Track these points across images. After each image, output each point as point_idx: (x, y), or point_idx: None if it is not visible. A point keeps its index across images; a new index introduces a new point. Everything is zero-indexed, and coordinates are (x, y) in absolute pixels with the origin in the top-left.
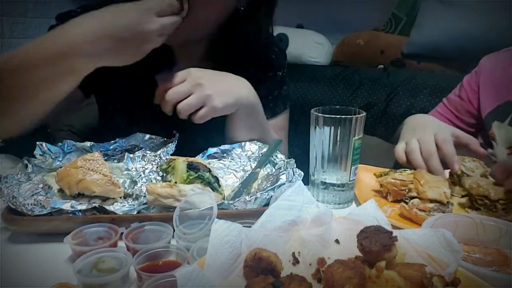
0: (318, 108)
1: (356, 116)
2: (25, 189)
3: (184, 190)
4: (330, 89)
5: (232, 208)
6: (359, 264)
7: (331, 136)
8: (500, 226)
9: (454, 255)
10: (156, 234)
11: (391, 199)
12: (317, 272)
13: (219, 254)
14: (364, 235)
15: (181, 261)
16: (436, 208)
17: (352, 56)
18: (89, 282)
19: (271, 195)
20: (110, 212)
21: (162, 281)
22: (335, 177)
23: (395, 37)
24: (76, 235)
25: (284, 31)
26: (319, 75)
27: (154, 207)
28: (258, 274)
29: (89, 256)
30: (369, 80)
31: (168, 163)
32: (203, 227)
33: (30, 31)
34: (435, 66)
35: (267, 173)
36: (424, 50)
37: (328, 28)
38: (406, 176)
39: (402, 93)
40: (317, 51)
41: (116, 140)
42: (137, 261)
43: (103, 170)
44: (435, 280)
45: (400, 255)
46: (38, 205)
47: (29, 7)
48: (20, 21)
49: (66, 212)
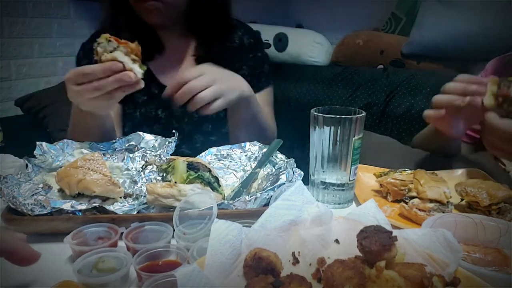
0: (318, 108)
1: (356, 116)
2: (25, 189)
3: (184, 190)
4: (330, 89)
5: (232, 208)
6: (359, 264)
7: (331, 136)
8: (500, 226)
9: (454, 255)
10: (156, 234)
11: (391, 199)
12: (317, 272)
13: (219, 254)
14: (364, 235)
15: (181, 261)
16: (436, 208)
17: (352, 56)
18: (89, 282)
19: (271, 195)
20: (110, 212)
21: (162, 281)
22: (335, 177)
23: (394, 37)
24: (76, 235)
25: (284, 31)
26: (318, 75)
27: (154, 207)
28: (258, 274)
29: (89, 256)
30: (369, 80)
31: (168, 163)
32: (203, 227)
33: (30, 31)
34: (435, 66)
35: (267, 173)
36: (424, 50)
37: (328, 28)
38: (406, 176)
39: (402, 93)
40: (317, 51)
41: (116, 140)
42: (137, 261)
43: (103, 170)
44: (435, 280)
45: (400, 255)
46: (38, 205)
47: (29, 7)
48: (20, 21)
49: (66, 212)
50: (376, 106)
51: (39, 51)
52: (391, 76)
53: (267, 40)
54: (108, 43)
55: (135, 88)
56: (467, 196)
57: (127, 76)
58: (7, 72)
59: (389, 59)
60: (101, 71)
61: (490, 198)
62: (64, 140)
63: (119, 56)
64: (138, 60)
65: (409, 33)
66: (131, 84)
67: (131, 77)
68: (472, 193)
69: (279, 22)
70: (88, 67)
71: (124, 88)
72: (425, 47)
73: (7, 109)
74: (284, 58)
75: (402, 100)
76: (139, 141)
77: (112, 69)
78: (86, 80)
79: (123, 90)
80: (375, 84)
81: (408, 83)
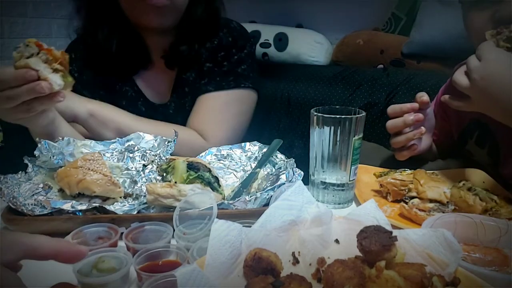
0: (318, 108)
1: (356, 116)
2: (25, 189)
3: (184, 190)
4: (330, 89)
5: (232, 208)
6: (359, 264)
7: (331, 136)
8: (500, 226)
9: (454, 255)
10: (156, 234)
11: (391, 199)
12: (317, 272)
13: (219, 254)
14: (364, 235)
15: (181, 261)
16: (436, 208)
17: (352, 56)
18: (89, 282)
19: (271, 195)
20: (110, 212)
21: (162, 281)
22: (335, 177)
23: (395, 37)
24: (76, 235)
25: (284, 31)
26: (318, 75)
27: (154, 207)
28: (258, 274)
29: (89, 256)
30: (369, 80)
31: (168, 163)
32: (203, 227)
33: (30, 31)
34: (435, 65)
35: (267, 173)
36: (424, 49)
37: (328, 28)
38: (406, 176)
39: (402, 93)
40: (317, 51)
41: (115, 140)
42: (137, 261)
43: (103, 170)
44: (435, 280)
45: (400, 255)
46: (38, 205)
47: (29, 7)
48: (20, 21)
49: (66, 212)
50: (376, 106)
51: None
52: (391, 76)
53: (267, 40)
54: (26, 48)
55: (53, 101)
56: (460, 201)
57: (39, 86)
58: None
59: (389, 59)
60: (12, 79)
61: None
62: (64, 139)
63: (34, 63)
64: (63, 70)
65: (409, 33)
66: (48, 96)
67: (44, 87)
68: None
69: (279, 22)
70: (0, 73)
71: (41, 100)
72: (425, 47)
73: None
74: (284, 57)
75: (402, 99)
76: (138, 141)
77: (24, 77)
78: (0, 88)
79: (41, 102)
80: (375, 83)
81: (408, 83)
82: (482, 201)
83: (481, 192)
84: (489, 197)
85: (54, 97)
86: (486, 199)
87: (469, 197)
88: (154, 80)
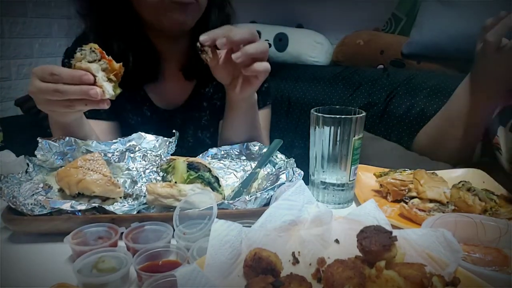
0: (318, 108)
1: (356, 116)
2: (26, 189)
3: (184, 190)
4: (330, 89)
5: (232, 208)
6: (359, 264)
7: (331, 136)
8: (500, 226)
9: (454, 255)
10: (156, 234)
11: (391, 199)
12: (317, 272)
13: (219, 254)
14: (364, 235)
15: (181, 261)
16: (436, 208)
17: (352, 56)
18: (89, 282)
19: (271, 195)
20: (110, 212)
21: (162, 281)
22: (335, 177)
23: (395, 37)
24: (76, 235)
25: (284, 31)
26: (319, 75)
27: (154, 207)
28: (258, 274)
29: (89, 256)
30: (369, 80)
31: (168, 163)
32: (203, 227)
33: (30, 31)
34: (435, 66)
35: (267, 173)
36: (424, 50)
37: (328, 28)
38: (406, 176)
39: (402, 93)
40: (317, 51)
41: (117, 140)
42: (137, 261)
43: (103, 170)
44: (435, 280)
45: (400, 255)
46: (38, 205)
47: (29, 7)
48: (20, 21)
49: (66, 212)
50: (376, 106)
51: (39, 51)
52: (391, 76)
53: (267, 40)
54: (90, 53)
55: (99, 106)
56: (460, 202)
57: (94, 91)
58: (7, 72)
59: (389, 59)
60: (68, 77)
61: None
62: (64, 139)
63: (94, 69)
64: (115, 82)
65: (409, 33)
66: (95, 101)
67: (98, 93)
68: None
69: (279, 22)
70: (58, 68)
71: (87, 101)
72: (425, 47)
73: (7, 109)
74: (285, 58)
75: (402, 100)
76: (139, 141)
77: (81, 78)
78: (51, 80)
79: (85, 103)
80: (375, 84)
81: (408, 83)
82: (481, 201)
83: (481, 192)
84: (488, 197)
85: (100, 103)
86: (485, 199)
87: (468, 197)
88: (163, 88)
